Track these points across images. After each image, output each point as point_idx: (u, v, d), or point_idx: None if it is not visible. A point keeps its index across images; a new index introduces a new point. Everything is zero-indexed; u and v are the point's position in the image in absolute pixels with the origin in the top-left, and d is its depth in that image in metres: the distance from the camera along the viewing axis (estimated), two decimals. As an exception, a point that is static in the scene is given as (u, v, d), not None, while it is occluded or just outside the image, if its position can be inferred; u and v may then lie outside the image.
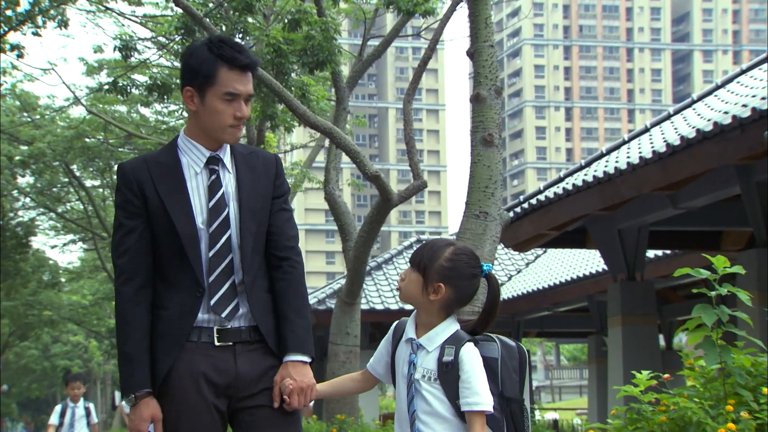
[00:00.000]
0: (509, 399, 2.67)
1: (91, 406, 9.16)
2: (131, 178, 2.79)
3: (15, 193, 25.07)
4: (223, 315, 2.76)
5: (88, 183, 24.76)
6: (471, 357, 2.63)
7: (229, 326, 2.78)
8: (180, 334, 2.76)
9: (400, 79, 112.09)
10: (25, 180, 24.56)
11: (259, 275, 2.84)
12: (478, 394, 2.60)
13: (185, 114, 18.41)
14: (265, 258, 2.87)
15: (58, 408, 9.13)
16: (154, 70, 15.73)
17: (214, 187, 2.81)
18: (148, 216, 2.78)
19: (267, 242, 2.87)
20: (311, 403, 2.88)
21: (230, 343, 2.78)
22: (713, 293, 3.64)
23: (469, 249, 2.78)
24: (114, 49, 12.57)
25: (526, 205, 10.99)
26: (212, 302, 2.76)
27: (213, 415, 2.76)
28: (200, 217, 2.79)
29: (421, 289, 2.69)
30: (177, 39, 13.09)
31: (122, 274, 2.78)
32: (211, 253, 2.77)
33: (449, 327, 2.70)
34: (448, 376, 2.63)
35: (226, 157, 2.87)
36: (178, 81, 15.95)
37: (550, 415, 22.91)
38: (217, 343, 2.77)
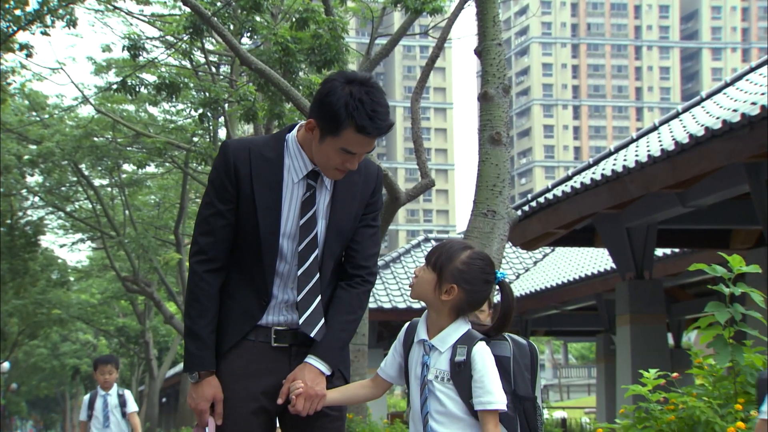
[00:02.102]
0: (522, 397, 2.69)
1: (127, 393, 7.55)
2: (231, 162, 2.74)
3: (24, 192, 25.14)
4: (312, 334, 2.75)
5: (97, 182, 24.80)
6: (483, 356, 2.64)
7: (286, 328, 2.78)
8: (239, 330, 2.76)
9: (407, 78, 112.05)
10: (34, 179, 24.63)
11: (330, 290, 2.84)
12: (491, 393, 2.61)
13: (193, 113, 18.47)
14: (339, 269, 2.86)
15: (85, 399, 7.55)
16: (163, 69, 15.76)
17: (307, 203, 2.76)
18: (237, 204, 2.75)
19: (344, 255, 2.84)
20: None
21: (286, 345, 2.78)
22: (727, 291, 3.63)
23: (486, 255, 2.79)
24: (122, 49, 12.60)
25: (534, 204, 10.97)
26: (302, 321, 2.75)
27: (259, 416, 2.75)
28: (284, 226, 2.75)
29: (434, 288, 2.69)
30: (185, 38, 13.10)
31: (201, 253, 2.76)
32: (300, 272, 2.75)
33: (460, 327, 2.70)
34: (461, 375, 2.63)
35: None
36: (186, 80, 16.08)
37: (559, 414, 22.87)
38: (273, 344, 2.77)
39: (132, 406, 7.46)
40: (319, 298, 2.77)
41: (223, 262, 2.78)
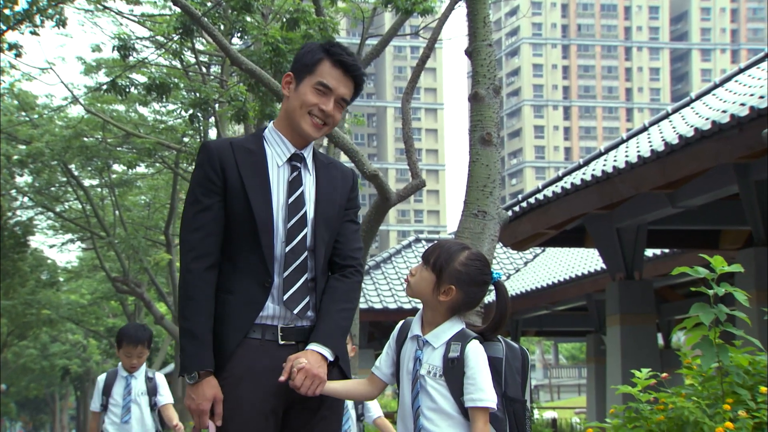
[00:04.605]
0: (512, 399, 2.70)
1: (159, 377, 5.57)
2: (215, 157, 2.79)
3: (13, 192, 25.03)
4: (296, 311, 2.76)
5: (87, 182, 24.71)
6: (476, 354, 2.66)
7: (293, 325, 2.77)
8: (244, 322, 2.74)
9: (398, 78, 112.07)
10: (23, 179, 24.53)
11: (324, 281, 2.85)
12: (483, 391, 2.62)
13: (183, 113, 18.42)
14: (328, 266, 2.88)
15: (99, 381, 5.54)
16: (153, 69, 15.71)
17: (294, 183, 2.82)
18: (225, 196, 2.77)
19: (332, 250, 2.87)
20: None
21: (293, 342, 2.77)
22: (711, 292, 3.65)
23: (483, 255, 2.81)
24: (112, 49, 12.55)
25: (524, 204, 10.99)
26: (285, 297, 2.75)
27: (267, 417, 2.73)
28: (277, 208, 2.78)
29: (433, 288, 2.71)
30: (175, 38, 13.07)
31: (192, 250, 2.76)
32: (287, 249, 2.77)
33: (455, 325, 2.73)
34: (454, 372, 2.65)
35: (309, 159, 2.89)
36: (176, 80, 16.05)
37: (549, 414, 22.91)
38: (281, 342, 2.76)
39: (167, 396, 5.57)
40: (305, 276, 2.78)
41: (215, 257, 2.77)
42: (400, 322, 2.85)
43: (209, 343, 2.72)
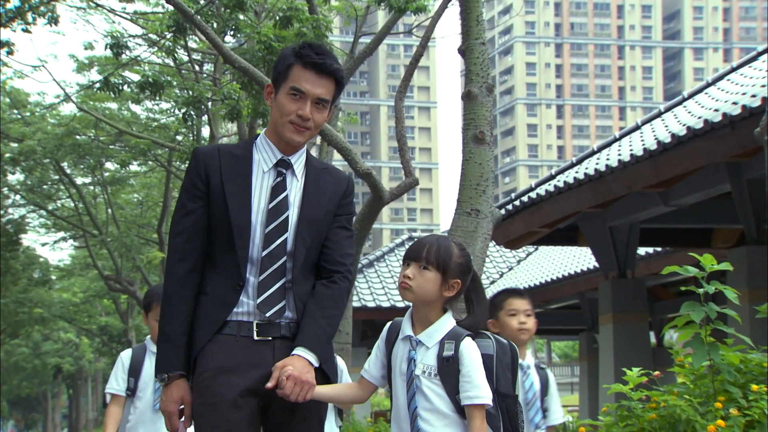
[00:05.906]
0: (504, 395, 2.71)
1: None
2: (201, 162, 2.84)
3: (5, 190, 24.95)
4: (268, 315, 2.76)
5: (79, 180, 24.65)
6: (471, 351, 2.67)
7: (269, 321, 2.78)
8: (214, 321, 2.76)
9: (391, 77, 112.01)
10: (16, 177, 24.46)
11: (307, 284, 2.84)
12: (479, 388, 2.63)
13: (177, 111, 18.39)
14: (316, 270, 2.87)
15: (124, 359, 4.33)
16: (146, 67, 15.68)
17: (277, 188, 2.82)
18: (208, 201, 2.81)
19: (320, 254, 2.86)
20: None
21: (269, 338, 2.78)
22: (701, 290, 3.66)
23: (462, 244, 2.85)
24: (105, 47, 12.53)
25: (517, 203, 11.00)
26: (259, 300, 2.76)
27: (242, 411, 2.73)
28: (256, 212, 2.80)
29: (440, 286, 2.72)
30: (168, 36, 13.05)
31: (174, 254, 2.81)
32: (264, 253, 2.77)
33: (447, 322, 2.73)
34: (449, 370, 2.65)
35: (299, 165, 2.88)
36: (169, 78, 16.02)
37: (542, 412, 22.94)
38: (256, 338, 2.77)
39: None
40: (281, 281, 2.78)
41: (195, 259, 2.81)
42: (388, 324, 2.84)
43: (181, 346, 2.75)
